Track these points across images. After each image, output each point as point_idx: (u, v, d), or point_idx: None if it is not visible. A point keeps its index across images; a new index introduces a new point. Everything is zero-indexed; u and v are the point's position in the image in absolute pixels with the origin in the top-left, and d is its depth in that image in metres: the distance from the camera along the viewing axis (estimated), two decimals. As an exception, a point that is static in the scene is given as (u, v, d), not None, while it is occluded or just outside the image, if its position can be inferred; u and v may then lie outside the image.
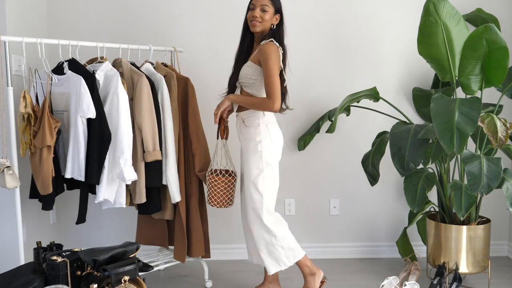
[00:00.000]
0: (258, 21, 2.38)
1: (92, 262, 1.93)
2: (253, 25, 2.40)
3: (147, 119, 2.48)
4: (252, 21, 2.39)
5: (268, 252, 2.50)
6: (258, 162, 2.43)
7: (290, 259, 2.52)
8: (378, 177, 2.98)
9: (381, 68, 3.23)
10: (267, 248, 2.49)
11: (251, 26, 2.41)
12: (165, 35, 3.15)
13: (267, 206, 2.45)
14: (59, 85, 2.44)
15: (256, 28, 2.40)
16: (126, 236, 3.20)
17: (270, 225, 2.45)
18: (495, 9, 3.15)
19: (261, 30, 2.41)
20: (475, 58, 2.51)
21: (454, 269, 2.67)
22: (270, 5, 2.38)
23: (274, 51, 2.34)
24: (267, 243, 2.48)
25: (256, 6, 2.38)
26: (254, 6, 2.39)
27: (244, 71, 2.44)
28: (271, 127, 2.46)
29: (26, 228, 2.72)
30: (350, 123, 3.25)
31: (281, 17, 2.44)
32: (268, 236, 2.47)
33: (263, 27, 2.40)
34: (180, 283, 2.89)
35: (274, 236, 2.47)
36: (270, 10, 2.38)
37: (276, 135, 2.48)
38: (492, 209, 3.23)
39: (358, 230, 3.34)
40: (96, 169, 2.40)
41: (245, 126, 2.47)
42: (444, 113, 2.38)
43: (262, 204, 2.43)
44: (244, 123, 2.48)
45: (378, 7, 3.20)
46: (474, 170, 2.39)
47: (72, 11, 3.13)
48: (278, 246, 2.48)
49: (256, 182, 2.43)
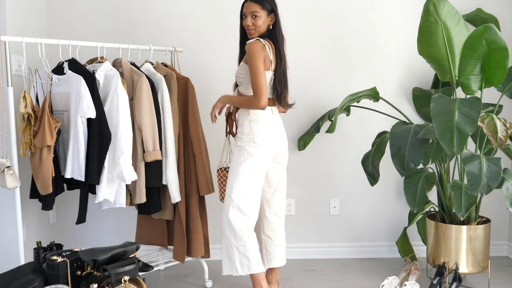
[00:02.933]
0: (252, 28, 2.41)
1: (92, 262, 1.93)
2: (250, 34, 2.44)
3: (147, 119, 2.48)
4: (246, 29, 2.44)
5: (226, 250, 2.46)
6: (238, 155, 2.43)
7: (244, 268, 2.43)
8: (378, 177, 2.98)
9: (381, 68, 3.23)
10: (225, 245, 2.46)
11: (248, 34, 2.46)
12: (165, 35, 3.15)
13: (238, 201, 2.39)
14: (59, 85, 2.44)
15: (253, 35, 2.43)
16: (126, 236, 3.20)
17: (234, 221, 2.40)
18: (495, 9, 3.15)
19: (257, 35, 2.43)
20: (475, 58, 2.51)
21: (454, 269, 2.67)
22: (260, 9, 2.38)
23: (258, 49, 2.34)
24: (226, 241, 2.45)
25: (247, 14, 2.41)
26: (246, 14, 2.42)
27: (237, 70, 2.51)
28: (255, 125, 2.42)
29: (26, 228, 2.71)
30: (350, 123, 3.25)
31: (276, 16, 2.44)
32: (229, 232, 2.43)
33: (259, 32, 2.42)
34: (180, 283, 2.89)
35: (234, 235, 2.41)
36: (262, 14, 2.39)
37: (259, 133, 2.42)
38: (492, 209, 3.23)
39: (358, 230, 3.34)
40: (96, 169, 2.40)
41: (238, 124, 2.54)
42: (444, 113, 2.38)
43: (231, 198, 2.40)
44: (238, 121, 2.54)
45: (378, 7, 3.20)
46: (474, 170, 2.39)
47: (72, 11, 3.13)
48: (235, 246, 2.43)
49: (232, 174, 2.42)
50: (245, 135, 2.43)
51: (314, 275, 3.00)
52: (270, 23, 2.43)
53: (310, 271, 3.06)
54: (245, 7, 2.41)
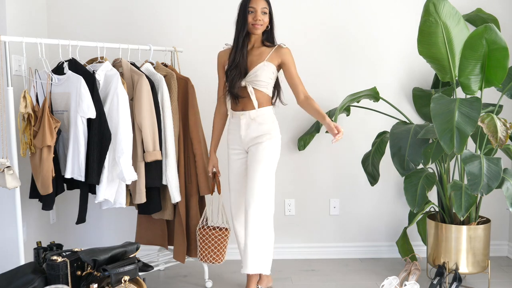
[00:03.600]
0: (260, 24, 2.46)
1: (92, 262, 1.93)
2: (256, 28, 2.47)
3: (147, 119, 2.48)
4: (254, 24, 2.45)
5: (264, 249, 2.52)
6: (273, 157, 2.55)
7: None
8: (378, 177, 2.98)
9: (381, 68, 3.23)
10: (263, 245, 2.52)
11: (252, 29, 2.47)
12: (165, 35, 3.15)
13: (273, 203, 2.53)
14: (59, 85, 2.44)
15: (258, 30, 2.48)
16: (126, 236, 3.20)
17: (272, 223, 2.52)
18: (495, 9, 3.15)
19: (261, 32, 2.50)
20: (475, 58, 2.51)
21: (454, 269, 2.67)
22: (268, 7, 2.48)
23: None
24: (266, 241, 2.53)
25: (256, 9, 2.45)
26: (255, 10, 2.45)
27: (262, 71, 2.49)
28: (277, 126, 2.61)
29: (26, 228, 2.72)
30: (350, 123, 3.25)
31: (272, 18, 2.53)
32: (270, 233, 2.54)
33: (263, 29, 2.50)
34: (180, 283, 2.89)
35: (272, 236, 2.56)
36: (268, 11, 2.48)
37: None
38: (492, 209, 3.23)
39: (358, 230, 3.34)
40: (96, 169, 2.40)
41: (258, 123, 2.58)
42: (444, 113, 2.38)
43: (271, 200, 2.51)
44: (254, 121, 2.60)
45: (378, 7, 3.20)
46: (474, 170, 2.39)
47: (72, 11, 3.13)
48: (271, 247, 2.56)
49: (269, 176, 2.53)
50: (274, 137, 2.54)
51: (314, 275, 3.00)
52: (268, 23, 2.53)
53: (310, 271, 3.06)
54: (254, 2, 2.46)
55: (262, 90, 2.51)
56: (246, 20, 2.46)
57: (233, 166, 2.62)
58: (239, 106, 2.55)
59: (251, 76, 2.49)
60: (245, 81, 2.50)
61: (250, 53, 2.52)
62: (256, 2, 2.45)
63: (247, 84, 2.50)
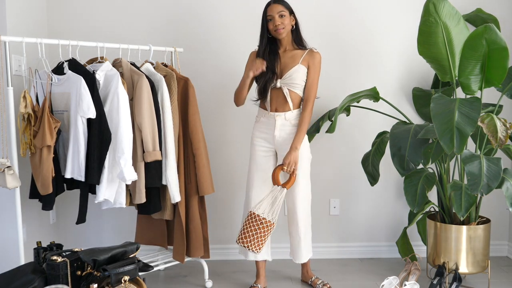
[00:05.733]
0: (281, 27, 2.52)
1: (92, 262, 1.93)
2: (279, 33, 2.54)
3: (147, 119, 2.48)
4: (276, 30, 2.52)
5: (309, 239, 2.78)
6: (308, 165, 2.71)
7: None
8: (378, 177, 2.98)
9: (381, 68, 3.23)
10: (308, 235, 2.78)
11: (277, 34, 2.55)
12: (165, 35, 3.15)
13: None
14: (59, 85, 2.44)
15: (282, 35, 2.55)
16: (126, 236, 3.20)
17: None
18: (495, 9, 3.14)
19: (286, 35, 2.56)
20: (475, 58, 2.51)
21: (454, 269, 2.67)
22: (285, 8, 2.54)
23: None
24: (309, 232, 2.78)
25: (274, 15, 2.52)
26: (272, 16, 2.53)
27: (297, 73, 2.57)
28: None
29: (26, 228, 2.71)
30: (350, 123, 3.25)
31: (295, 17, 2.59)
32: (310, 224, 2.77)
33: (287, 31, 2.55)
34: (180, 283, 2.89)
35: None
36: (286, 13, 2.54)
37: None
38: (492, 209, 3.23)
39: (358, 230, 3.34)
40: (96, 169, 2.40)
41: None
42: (444, 113, 2.38)
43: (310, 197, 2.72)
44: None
45: (378, 7, 3.20)
46: (474, 170, 2.39)
47: (72, 11, 3.13)
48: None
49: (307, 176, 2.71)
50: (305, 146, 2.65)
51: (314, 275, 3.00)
52: (292, 23, 2.58)
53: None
54: (270, 9, 2.53)
55: (296, 91, 2.58)
56: (265, 29, 2.56)
57: (259, 162, 2.66)
58: (272, 107, 2.61)
59: (286, 79, 2.56)
60: (281, 83, 2.57)
61: (283, 56, 2.61)
62: (271, 9, 2.53)
63: (282, 86, 2.57)
